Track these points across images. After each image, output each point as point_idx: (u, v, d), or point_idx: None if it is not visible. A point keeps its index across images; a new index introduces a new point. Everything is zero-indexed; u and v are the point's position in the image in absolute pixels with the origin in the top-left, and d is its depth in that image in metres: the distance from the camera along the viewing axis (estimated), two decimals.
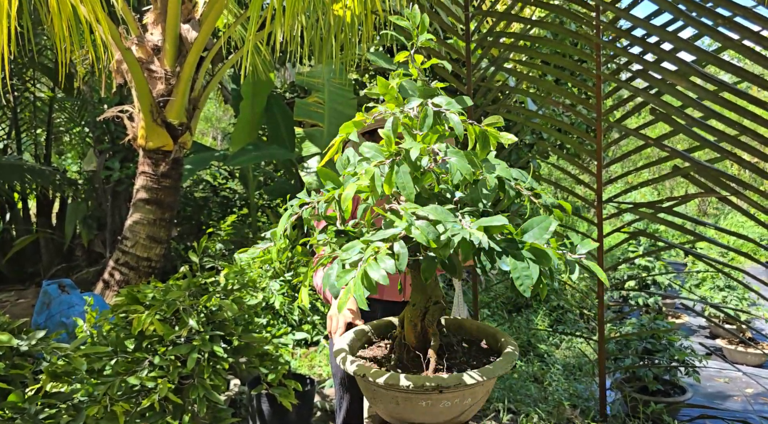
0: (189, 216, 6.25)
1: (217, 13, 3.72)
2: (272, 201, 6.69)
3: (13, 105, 6.35)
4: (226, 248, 4.70)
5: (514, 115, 3.48)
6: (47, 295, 3.48)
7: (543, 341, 4.66)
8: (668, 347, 3.48)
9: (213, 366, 2.08)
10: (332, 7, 3.42)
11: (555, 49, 4.93)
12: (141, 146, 3.79)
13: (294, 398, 2.32)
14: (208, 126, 16.84)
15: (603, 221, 3.06)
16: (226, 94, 7.11)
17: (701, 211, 12.90)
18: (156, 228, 3.82)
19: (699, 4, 2.46)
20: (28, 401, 1.81)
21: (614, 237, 6.69)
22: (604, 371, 3.13)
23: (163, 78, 3.68)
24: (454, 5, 3.38)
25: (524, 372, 3.91)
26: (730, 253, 6.13)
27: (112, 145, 5.64)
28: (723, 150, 2.60)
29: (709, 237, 2.97)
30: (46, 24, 3.11)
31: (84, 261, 6.07)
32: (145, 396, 1.97)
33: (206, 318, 2.20)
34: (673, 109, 2.65)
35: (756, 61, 2.37)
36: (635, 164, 11.83)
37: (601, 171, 3.03)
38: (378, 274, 1.04)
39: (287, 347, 3.41)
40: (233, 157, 5.24)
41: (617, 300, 5.61)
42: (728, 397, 3.93)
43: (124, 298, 2.20)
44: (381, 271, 1.04)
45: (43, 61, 6.39)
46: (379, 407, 1.35)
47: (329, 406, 3.34)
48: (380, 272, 1.04)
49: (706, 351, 4.73)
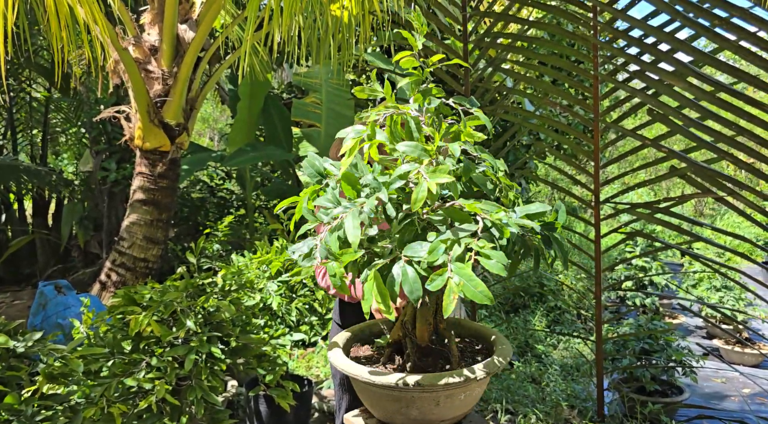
0: (186, 217, 6.24)
1: (215, 14, 3.71)
2: (269, 202, 6.69)
3: (9, 105, 6.33)
4: (224, 249, 4.69)
5: (511, 115, 3.49)
6: (43, 296, 3.46)
7: (540, 341, 4.66)
8: (665, 347, 3.48)
9: (210, 367, 2.08)
10: (330, 7, 3.42)
11: (552, 49, 4.94)
12: (138, 147, 3.78)
13: (292, 399, 2.31)
14: (205, 127, 16.81)
15: (600, 222, 3.06)
16: (223, 95, 7.11)
17: (698, 211, 12.93)
18: (153, 229, 3.81)
19: (696, 5, 2.47)
20: (25, 402, 1.80)
21: (611, 238, 6.69)
22: (602, 372, 3.13)
23: (160, 78, 3.67)
24: (451, 6, 3.39)
25: (522, 373, 3.91)
26: (727, 253, 6.15)
27: (109, 146, 5.62)
28: (720, 151, 2.61)
29: (705, 237, 2.97)
30: (43, 24, 3.10)
31: (80, 262, 6.04)
32: (143, 398, 1.97)
33: (204, 319, 2.20)
34: (670, 109, 2.66)
35: (752, 61, 2.37)
36: (632, 165, 11.85)
37: (598, 172, 3.04)
38: (495, 267, 1.04)
39: (285, 348, 3.40)
40: (230, 157, 5.23)
41: (614, 301, 5.62)
42: (725, 397, 3.94)
43: (121, 299, 2.19)
44: (497, 264, 1.04)
45: (39, 62, 6.37)
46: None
47: (327, 407, 3.34)
48: (497, 265, 1.04)
49: (703, 352, 4.75)
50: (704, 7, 2.45)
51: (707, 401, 3.82)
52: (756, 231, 8.39)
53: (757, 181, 10.19)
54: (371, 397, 1.33)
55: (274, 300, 3.74)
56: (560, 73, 3.21)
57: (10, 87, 6.14)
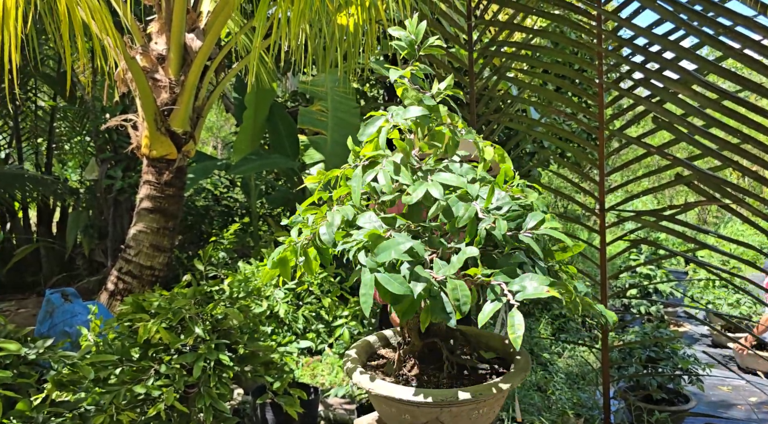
0: (191, 225, 6.25)
1: (222, 23, 3.74)
2: (273, 210, 6.70)
3: (15, 114, 6.37)
4: (229, 257, 4.70)
5: (516, 123, 3.50)
6: (50, 304, 3.47)
7: (546, 349, 4.65)
8: (672, 355, 3.48)
9: (219, 375, 2.08)
10: (336, 16, 3.45)
11: (556, 58, 4.97)
12: (145, 155, 3.80)
13: (299, 406, 2.31)
14: (209, 135, 16.88)
15: (605, 229, 3.06)
16: (227, 103, 7.14)
17: (701, 219, 12.90)
18: (159, 237, 3.82)
19: (700, 14, 2.49)
20: (36, 409, 1.80)
21: (615, 245, 6.69)
22: (608, 380, 3.13)
23: (167, 87, 3.70)
24: (456, 15, 3.41)
25: (528, 381, 3.90)
26: (732, 261, 6.13)
27: (115, 154, 5.65)
28: (725, 158, 2.62)
29: (710, 245, 2.97)
30: (50, 33, 3.13)
31: (85, 270, 6.06)
32: (151, 405, 1.97)
33: (212, 326, 2.20)
34: (675, 117, 2.67)
35: (757, 69, 2.38)
36: (635, 173, 11.85)
37: (603, 179, 3.05)
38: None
39: (292, 356, 3.40)
40: (236, 166, 5.25)
41: (619, 308, 5.60)
42: (732, 406, 3.92)
43: (129, 306, 2.20)
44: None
45: (44, 71, 6.41)
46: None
47: (333, 415, 3.33)
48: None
49: (715, 359, 4.70)
50: (708, 16, 2.47)
51: (714, 410, 3.81)
52: (761, 239, 8.38)
53: (761, 188, 10.19)
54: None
55: (281, 308, 3.74)
56: (564, 81, 3.23)
57: (16, 96, 6.18)
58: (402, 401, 1.18)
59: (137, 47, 3.69)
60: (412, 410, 1.20)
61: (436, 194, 1.14)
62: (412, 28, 1.36)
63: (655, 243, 3.03)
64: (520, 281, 1.04)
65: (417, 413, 1.20)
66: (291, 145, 5.79)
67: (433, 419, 1.20)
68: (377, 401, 1.30)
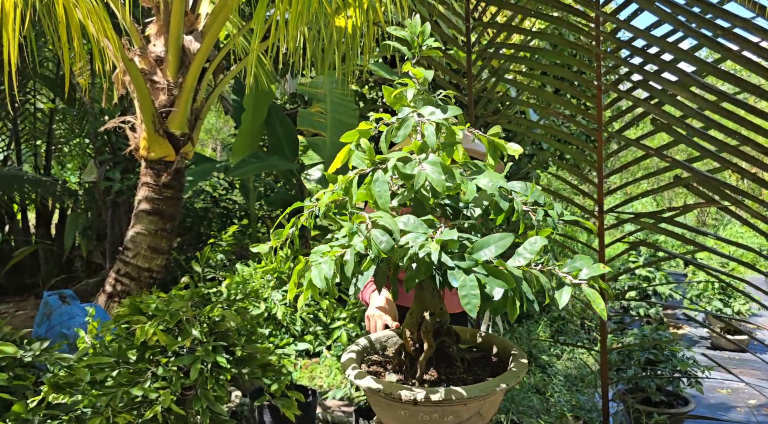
0: (189, 227, 6.25)
1: (220, 25, 3.74)
2: (272, 212, 6.69)
3: (14, 116, 6.36)
4: (227, 259, 4.70)
5: (515, 125, 3.50)
6: (48, 306, 3.46)
7: (544, 351, 4.64)
8: (671, 357, 3.47)
9: (216, 377, 2.07)
10: (334, 18, 3.45)
11: (555, 60, 4.97)
12: (143, 157, 3.80)
13: (297, 409, 2.31)
14: (208, 137, 16.88)
15: (604, 231, 3.06)
16: (226, 105, 7.14)
17: (700, 221, 12.91)
18: (158, 239, 3.81)
19: (699, 16, 2.48)
20: (32, 412, 1.79)
21: (614, 247, 6.68)
22: (607, 382, 3.12)
23: (165, 89, 3.70)
24: (455, 17, 3.41)
25: (526, 383, 3.89)
26: (731, 263, 6.13)
27: (113, 156, 5.65)
28: (724, 160, 2.61)
29: (709, 247, 2.97)
30: (49, 35, 3.13)
31: (83, 272, 6.05)
32: (148, 407, 1.96)
33: (209, 328, 2.19)
34: (673, 119, 2.66)
35: (755, 71, 2.38)
36: (634, 175, 11.85)
37: (602, 181, 3.04)
38: (317, 277, 1.09)
39: (290, 358, 3.39)
40: (234, 168, 5.25)
41: (618, 311, 5.60)
42: (731, 408, 3.92)
43: (126, 308, 2.19)
44: (321, 275, 1.09)
45: (43, 73, 6.41)
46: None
47: (331, 418, 3.32)
48: (320, 275, 1.09)
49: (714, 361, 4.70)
50: (707, 18, 2.47)
51: (713, 412, 3.80)
52: (760, 241, 8.39)
53: (760, 190, 10.19)
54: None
55: (279, 309, 3.73)
56: (563, 83, 3.23)
57: (15, 98, 6.18)
58: (452, 402, 1.20)
59: (135, 49, 3.69)
60: (457, 410, 1.22)
61: (489, 189, 1.18)
62: (413, 28, 1.35)
63: (654, 245, 3.03)
64: (572, 263, 1.16)
65: (462, 411, 1.23)
66: (290, 147, 5.79)
67: (475, 413, 1.25)
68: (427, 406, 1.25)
